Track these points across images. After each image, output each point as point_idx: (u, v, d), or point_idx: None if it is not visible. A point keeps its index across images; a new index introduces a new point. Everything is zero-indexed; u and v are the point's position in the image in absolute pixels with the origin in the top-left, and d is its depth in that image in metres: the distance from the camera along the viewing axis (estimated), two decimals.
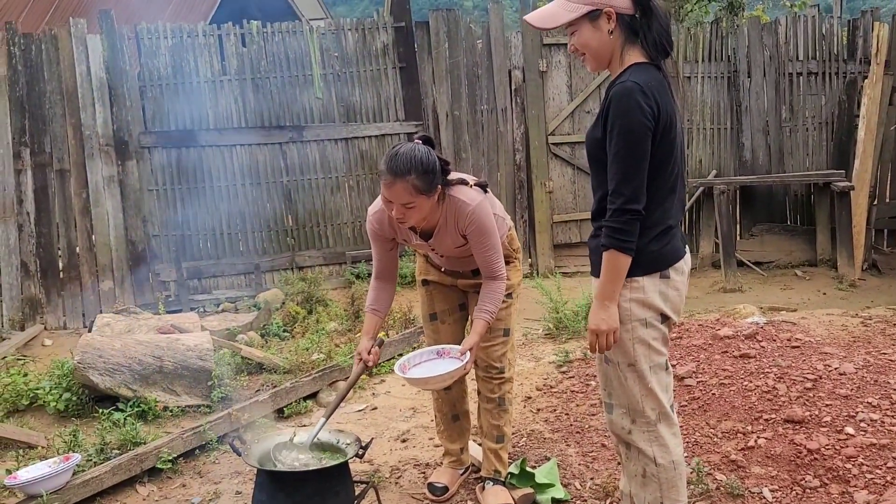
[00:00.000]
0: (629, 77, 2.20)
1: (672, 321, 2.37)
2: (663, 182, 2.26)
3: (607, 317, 2.25)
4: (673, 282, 2.34)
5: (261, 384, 4.65)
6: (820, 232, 7.63)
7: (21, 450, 3.76)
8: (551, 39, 7.44)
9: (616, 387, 2.39)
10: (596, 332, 2.27)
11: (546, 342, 5.10)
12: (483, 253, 2.82)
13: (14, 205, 6.39)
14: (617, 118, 2.17)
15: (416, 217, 2.69)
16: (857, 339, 4.31)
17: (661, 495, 2.40)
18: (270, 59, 6.96)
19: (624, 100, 2.16)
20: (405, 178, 2.59)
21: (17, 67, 6.39)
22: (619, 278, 2.24)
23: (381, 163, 2.66)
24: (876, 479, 2.88)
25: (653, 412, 2.36)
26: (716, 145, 7.85)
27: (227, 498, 3.31)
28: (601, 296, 2.26)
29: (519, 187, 7.51)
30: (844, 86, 7.88)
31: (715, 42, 7.76)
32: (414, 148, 2.64)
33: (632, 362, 2.33)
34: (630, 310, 2.29)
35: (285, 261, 7.02)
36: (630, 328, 2.30)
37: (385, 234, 2.92)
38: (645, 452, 2.37)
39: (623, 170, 2.18)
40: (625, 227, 2.19)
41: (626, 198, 2.17)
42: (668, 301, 2.33)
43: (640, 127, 2.15)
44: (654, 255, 2.29)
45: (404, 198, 2.62)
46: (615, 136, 2.18)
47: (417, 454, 3.61)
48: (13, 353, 5.51)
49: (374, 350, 2.86)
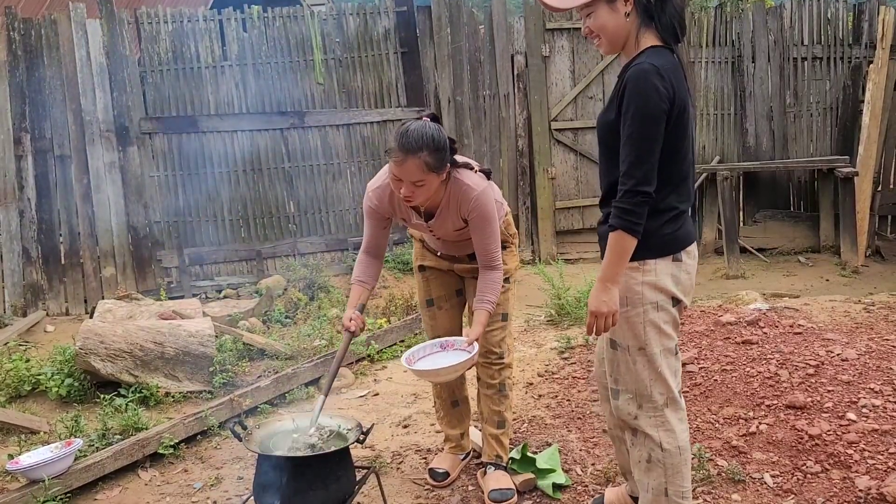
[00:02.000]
0: (646, 59, 2.19)
1: (683, 304, 2.36)
2: (677, 166, 2.26)
3: (608, 299, 2.24)
4: (685, 265, 2.33)
5: (262, 370, 4.65)
6: (823, 218, 7.61)
7: (23, 435, 3.78)
8: (554, 24, 7.39)
9: (623, 372, 2.38)
10: (596, 314, 2.26)
11: (548, 329, 5.10)
12: (482, 240, 2.80)
13: (15, 191, 6.38)
14: (633, 100, 2.15)
15: (424, 195, 2.67)
16: (860, 326, 4.30)
17: (666, 481, 2.39)
18: (271, 44, 6.92)
19: (641, 82, 2.15)
20: (417, 155, 2.56)
21: (16, 53, 6.37)
22: (623, 260, 2.23)
23: (392, 140, 2.63)
24: (877, 464, 2.88)
25: (661, 397, 2.36)
26: (719, 131, 7.81)
27: (229, 483, 3.32)
28: (604, 277, 2.24)
29: (521, 173, 7.48)
30: (849, 71, 7.82)
31: (719, 27, 7.70)
32: (425, 125, 2.62)
33: (642, 346, 2.32)
34: (642, 293, 2.28)
35: (287, 247, 7.01)
36: (642, 311, 2.29)
37: (383, 211, 2.89)
38: (651, 437, 2.37)
39: (637, 152, 2.16)
40: (635, 209, 2.17)
41: (637, 180, 2.16)
42: (680, 284, 2.32)
43: (656, 109, 2.14)
44: (668, 239, 2.29)
45: (415, 175, 2.59)
46: (630, 117, 2.16)
47: (419, 440, 3.62)
48: (15, 338, 5.53)
49: (356, 315, 2.81)
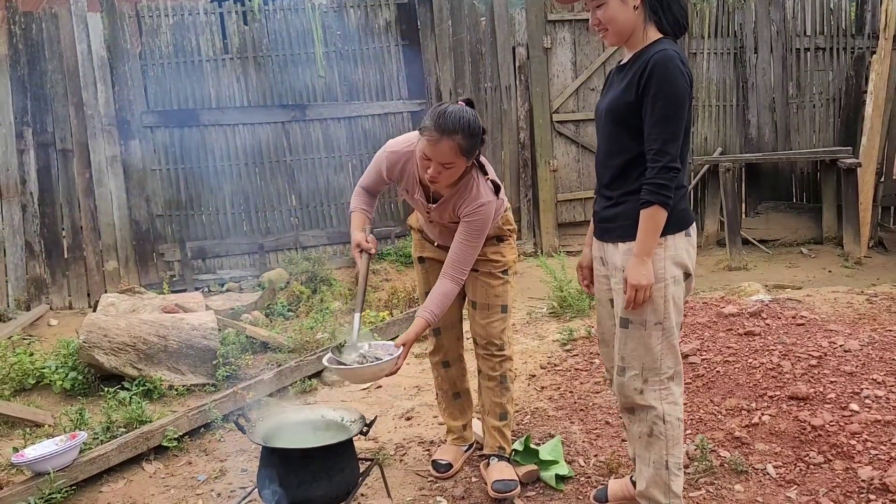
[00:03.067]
0: (667, 46, 2.31)
1: (692, 278, 2.48)
2: (686, 146, 2.39)
3: (647, 272, 2.34)
4: (692, 239, 2.46)
5: (265, 363, 4.66)
6: (826, 209, 7.60)
7: (28, 428, 3.78)
8: (556, 16, 7.36)
9: (633, 348, 2.45)
10: (636, 288, 2.34)
11: (550, 321, 5.10)
12: (463, 248, 2.78)
13: (17, 185, 6.38)
14: (663, 83, 2.27)
15: (449, 178, 2.68)
16: (863, 317, 4.30)
17: (667, 453, 2.47)
18: (272, 37, 6.90)
19: (670, 66, 2.27)
20: (452, 137, 2.57)
21: (17, 47, 6.36)
22: (657, 234, 2.34)
23: (426, 119, 2.62)
24: (880, 454, 2.89)
25: (669, 370, 2.44)
26: (721, 122, 7.79)
27: (233, 475, 3.33)
28: (642, 252, 2.34)
29: (523, 166, 7.47)
30: (852, 61, 7.79)
31: (721, 17, 7.67)
32: (463, 108, 2.63)
33: (660, 320, 2.40)
34: (665, 268, 2.37)
35: (289, 240, 7.01)
36: (663, 286, 2.38)
37: (390, 174, 2.89)
38: (655, 409, 2.45)
39: (670, 131, 2.28)
40: (669, 184, 2.29)
41: (671, 156, 2.29)
42: (691, 258, 2.44)
43: (685, 92, 2.28)
44: (682, 214, 2.41)
45: (447, 157, 2.59)
46: (661, 99, 2.27)
47: (422, 432, 3.63)
48: (19, 332, 5.54)
49: (370, 238, 2.87)
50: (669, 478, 2.48)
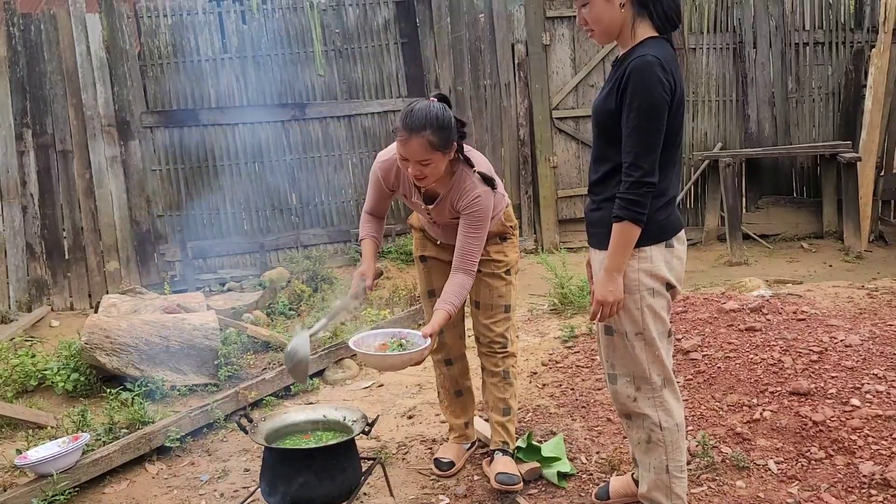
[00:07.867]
0: (648, 51, 2.22)
1: (676, 290, 2.42)
2: (670, 154, 2.31)
3: (615, 288, 2.30)
4: (676, 251, 2.39)
5: (267, 362, 4.67)
6: (826, 204, 7.59)
7: (30, 430, 3.79)
8: (555, 12, 7.36)
9: (621, 356, 2.43)
10: (602, 303, 2.32)
11: (551, 318, 5.11)
12: (467, 240, 2.80)
13: (18, 186, 6.38)
14: (638, 92, 2.19)
15: (432, 175, 2.70)
16: (864, 311, 4.30)
17: (667, 458, 2.46)
18: (271, 36, 6.90)
19: (646, 74, 2.18)
20: (421, 134, 2.59)
21: (16, 48, 6.36)
22: (628, 250, 2.29)
23: (397, 119, 2.67)
24: (881, 450, 2.89)
25: (659, 378, 2.42)
26: (721, 117, 7.78)
27: (236, 475, 3.34)
28: (611, 267, 2.30)
29: (523, 163, 7.47)
30: (851, 55, 7.77)
31: (720, 12, 7.65)
32: (429, 104, 2.65)
33: (640, 331, 2.37)
34: (639, 280, 2.33)
35: (290, 239, 7.01)
36: (639, 298, 2.34)
37: (387, 184, 2.94)
38: (650, 418, 2.43)
39: (643, 143, 2.21)
40: (642, 200, 2.23)
41: (644, 171, 2.21)
42: (673, 270, 2.38)
43: (661, 102, 2.19)
44: (661, 225, 2.34)
45: (420, 154, 2.62)
46: (635, 109, 2.20)
47: (424, 430, 3.63)
48: (21, 334, 5.55)
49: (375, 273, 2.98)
50: (671, 481, 2.48)
